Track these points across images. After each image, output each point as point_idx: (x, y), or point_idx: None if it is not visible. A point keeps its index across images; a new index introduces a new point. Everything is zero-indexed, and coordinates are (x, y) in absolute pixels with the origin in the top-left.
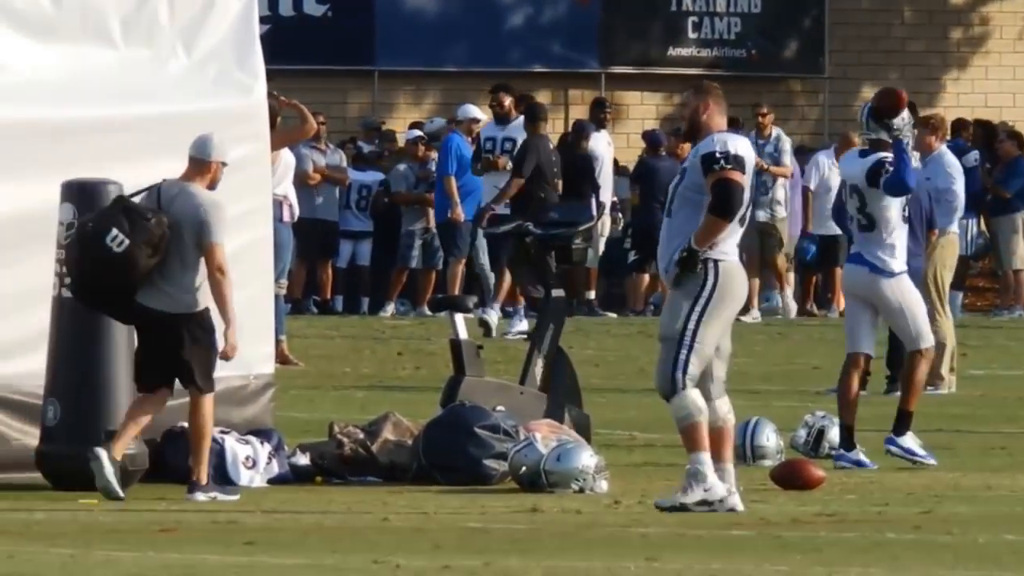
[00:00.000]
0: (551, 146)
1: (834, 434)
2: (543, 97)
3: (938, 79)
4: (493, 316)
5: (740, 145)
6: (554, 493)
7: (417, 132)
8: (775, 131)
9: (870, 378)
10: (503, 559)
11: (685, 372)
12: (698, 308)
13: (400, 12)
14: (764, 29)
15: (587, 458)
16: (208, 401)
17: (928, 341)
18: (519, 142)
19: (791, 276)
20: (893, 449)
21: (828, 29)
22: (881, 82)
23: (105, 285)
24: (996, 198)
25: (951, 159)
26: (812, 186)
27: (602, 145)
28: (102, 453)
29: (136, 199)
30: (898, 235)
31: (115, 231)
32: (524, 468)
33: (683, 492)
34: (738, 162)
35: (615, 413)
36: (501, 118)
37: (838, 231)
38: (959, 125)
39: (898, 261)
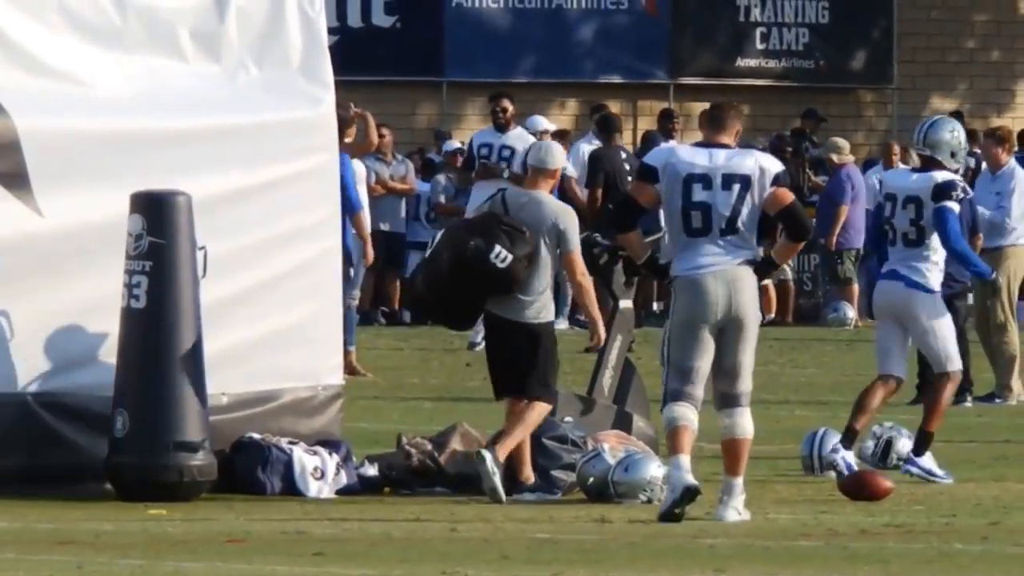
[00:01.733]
0: (624, 156)
1: (902, 445)
2: (612, 108)
3: (1008, 90)
4: (562, 325)
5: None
6: (622, 504)
7: (456, 144)
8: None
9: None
10: (571, 570)
11: (665, 388)
12: (667, 326)
13: (470, 23)
14: (832, 39)
15: (655, 469)
16: (544, 409)
17: (956, 364)
18: (518, 151)
19: (855, 288)
20: (913, 469)
21: (896, 39)
22: (950, 92)
23: (477, 300)
24: None
25: (1021, 173)
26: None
27: None
28: (487, 455)
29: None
30: (940, 255)
31: (499, 248)
32: (592, 479)
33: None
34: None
35: None
36: (501, 125)
37: None
38: None
39: (936, 279)
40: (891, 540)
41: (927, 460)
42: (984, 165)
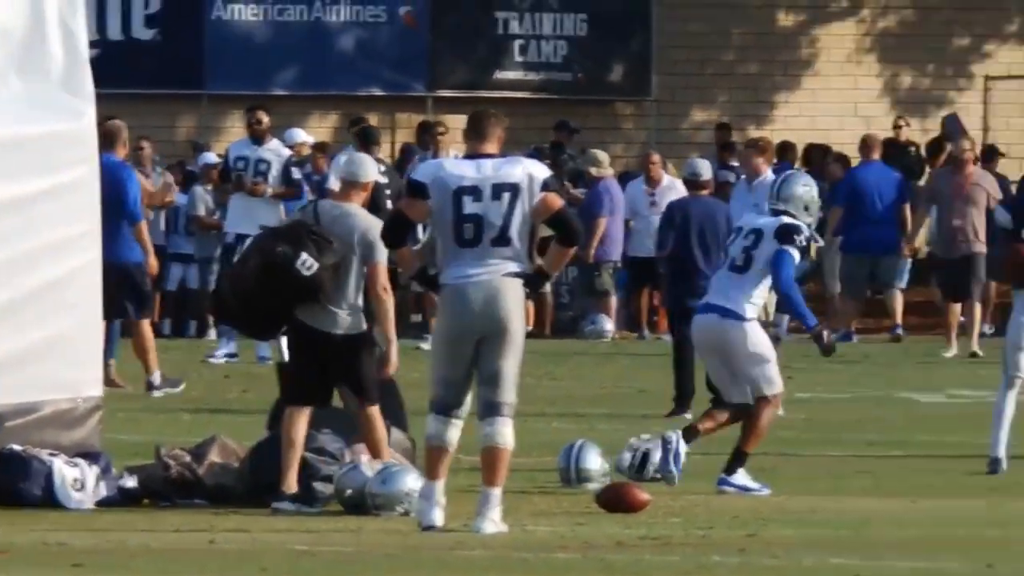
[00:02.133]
0: (383, 169)
1: (658, 457)
2: (371, 121)
3: (767, 102)
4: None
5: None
6: (379, 516)
7: (213, 156)
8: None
9: None
10: None
11: (430, 399)
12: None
13: (230, 35)
14: (591, 52)
15: (412, 481)
16: (375, 411)
17: (776, 388)
18: (273, 165)
19: (613, 300)
20: (727, 488)
21: (655, 51)
22: (709, 105)
23: (282, 307)
24: (822, 222)
25: None
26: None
27: None
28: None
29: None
30: (764, 286)
31: (305, 255)
32: (350, 491)
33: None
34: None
35: None
36: (257, 138)
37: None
38: (785, 148)
39: (753, 309)
40: (648, 552)
41: (740, 477)
42: (743, 176)
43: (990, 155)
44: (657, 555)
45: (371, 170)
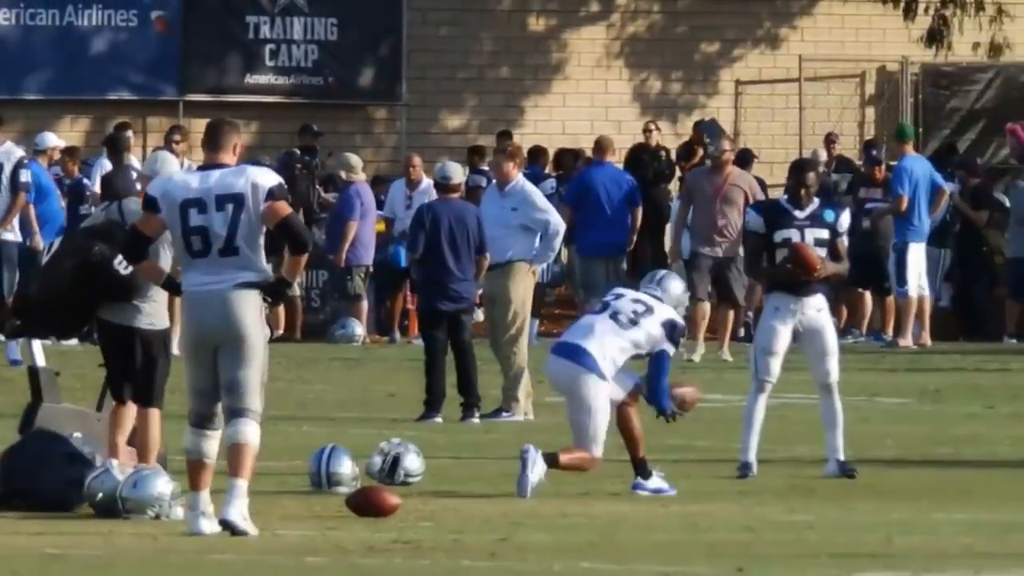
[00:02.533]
0: (135, 176)
1: (409, 461)
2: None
3: (517, 106)
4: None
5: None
6: (130, 519)
7: None
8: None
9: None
10: None
11: (188, 411)
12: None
13: None
14: (341, 56)
15: (163, 485)
16: (157, 415)
17: (623, 392)
18: (5, 166)
19: (364, 304)
20: (642, 493)
21: (406, 56)
22: (460, 109)
23: (92, 306)
24: (571, 226)
25: (531, 187)
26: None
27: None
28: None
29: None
30: (628, 354)
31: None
32: (101, 494)
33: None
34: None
35: None
36: None
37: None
38: (537, 152)
39: (612, 368)
40: (399, 556)
41: (654, 482)
42: (494, 181)
43: (745, 159)
44: (408, 559)
45: (173, 167)
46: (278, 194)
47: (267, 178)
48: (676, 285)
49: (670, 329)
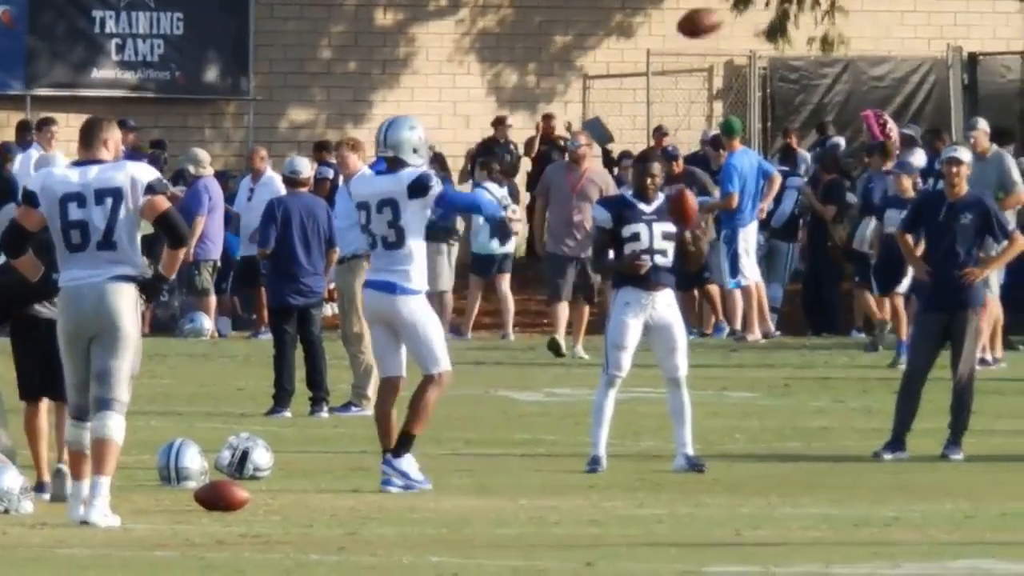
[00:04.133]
0: None
1: (257, 455)
2: None
3: (365, 100)
4: None
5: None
6: None
7: None
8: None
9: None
10: None
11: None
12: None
13: None
14: (188, 50)
15: (12, 479)
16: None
17: (443, 365)
18: None
19: (212, 299)
20: (387, 469)
21: (253, 51)
22: (308, 103)
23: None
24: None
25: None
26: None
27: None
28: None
29: None
30: (421, 252)
31: None
32: None
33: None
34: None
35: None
36: None
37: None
38: None
39: (420, 280)
40: (247, 550)
41: (406, 462)
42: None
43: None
44: (257, 553)
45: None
46: (157, 188)
47: (146, 173)
48: (403, 131)
49: (416, 189)
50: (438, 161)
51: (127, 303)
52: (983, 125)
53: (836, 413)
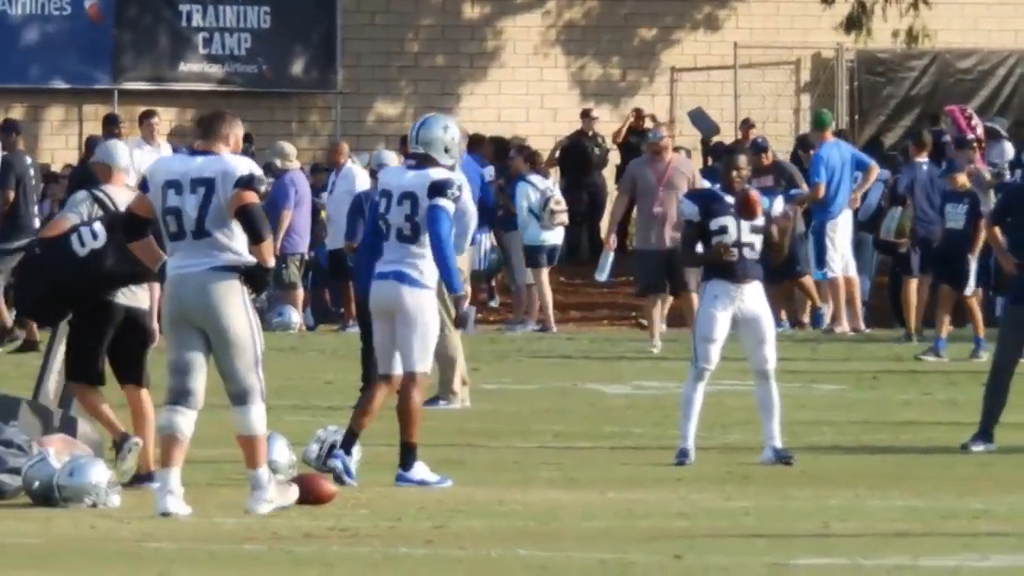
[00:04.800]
0: (28, 162)
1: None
2: (57, 113)
3: (452, 94)
4: None
5: None
6: (68, 508)
7: None
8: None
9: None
10: (19, 574)
11: (167, 387)
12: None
13: None
14: (275, 44)
15: (99, 473)
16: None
17: (423, 367)
18: None
19: (300, 292)
20: (404, 485)
21: (340, 44)
22: (395, 97)
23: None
24: (507, 213)
25: (459, 175)
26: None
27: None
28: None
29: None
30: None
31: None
32: (37, 483)
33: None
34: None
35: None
36: None
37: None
38: (475, 140)
39: (430, 277)
40: (335, 544)
41: (418, 471)
42: None
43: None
44: (345, 547)
45: (123, 154)
46: (247, 182)
47: (241, 166)
48: (437, 130)
49: (433, 190)
50: (525, 154)
51: (228, 296)
52: None
53: (923, 405)
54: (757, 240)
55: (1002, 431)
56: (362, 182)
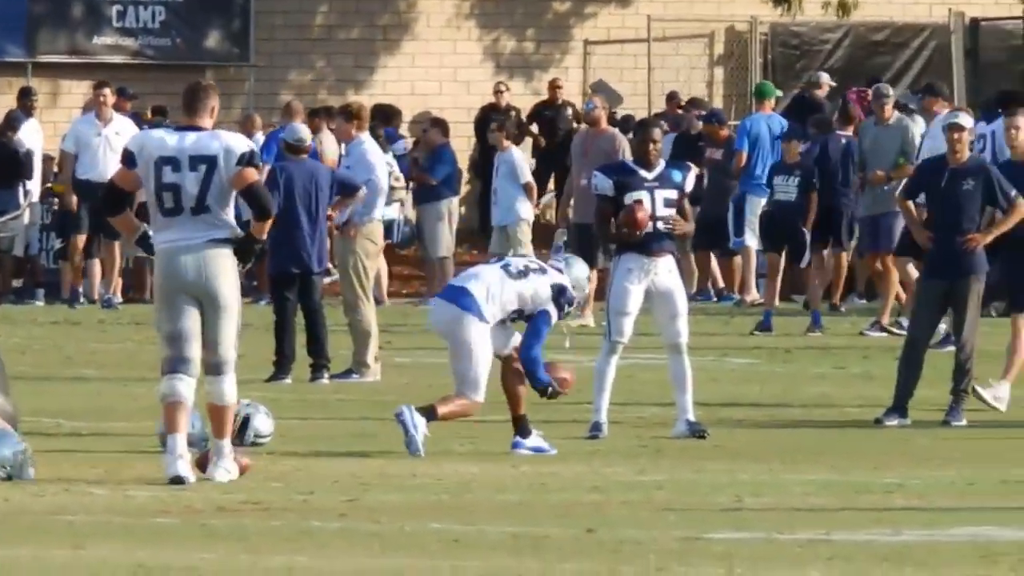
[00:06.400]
0: None
1: (259, 422)
2: None
3: (366, 66)
4: None
5: None
6: None
7: None
8: None
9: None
10: None
11: (161, 360)
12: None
13: None
14: (189, 17)
15: (13, 445)
16: None
17: (479, 396)
18: None
19: None
20: (520, 452)
21: (254, 17)
22: (309, 70)
23: None
24: (422, 186)
25: (372, 147)
26: None
27: (31, 134)
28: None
29: None
30: (515, 301)
31: None
32: None
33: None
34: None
35: (42, 401)
36: None
37: None
38: (390, 113)
39: (493, 314)
40: (249, 517)
41: (533, 441)
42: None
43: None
44: (258, 520)
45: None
46: (249, 159)
47: (240, 144)
48: (581, 268)
49: (558, 292)
50: (440, 126)
51: (227, 269)
52: (889, 91)
53: (837, 379)
54: (671, 214)
55: (916, 405)
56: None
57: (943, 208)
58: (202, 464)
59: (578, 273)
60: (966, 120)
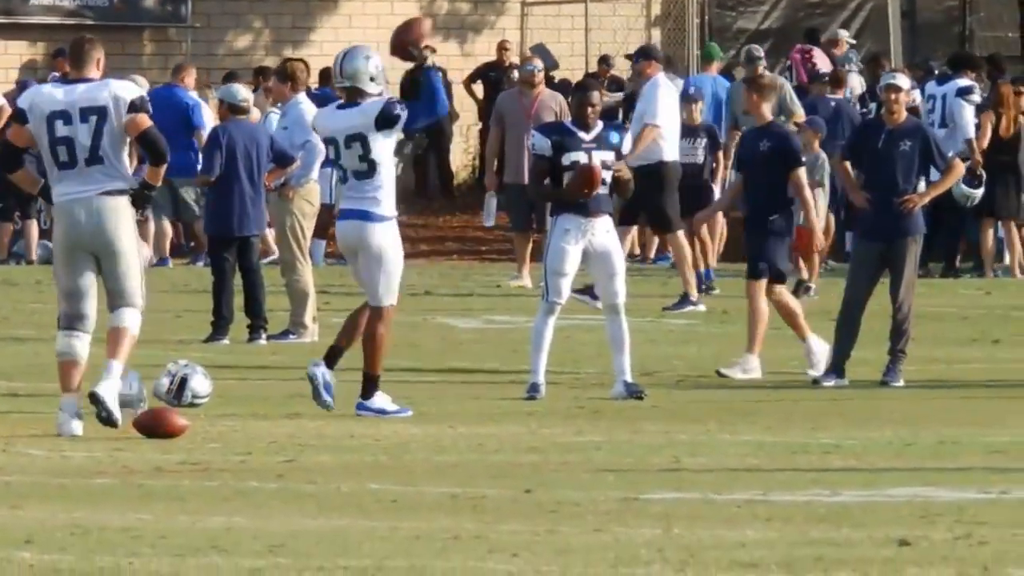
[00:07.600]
0: None
1: (196, 383)
2: None
3: (303, 27)
4: None
5: None
6: None
7: None
8: None
9: None
10: None
11: (58, 316)
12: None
13: None
14: None
15: None
16: None
17: (390, 300)
18: None
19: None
20: (363, 412)
21: None
22: (245, 30)
23: None
24: None
25: (309, 107)
26: None
27: None
28: None
29: None
30: (391, 178)
31: None
32: None
33: None
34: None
35: None
36: None
37: None
38: (326, 74)
39: (390, 207)
40: (187, 478)
41: (379, 400)
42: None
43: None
44: (196, 480)
45: None
46: (140, 106)
47: (129, 91)
48: (359, 61)
49: (383, 121)
50: None
51: (124, 219)
52: (760, 52)
53: (774, 341)
54: (608, 175)
55: (853, 366)
56: (213, 117)
57: (880, 169)
58: (140, 424)
59: (357, 65)
60: (903, 81)
